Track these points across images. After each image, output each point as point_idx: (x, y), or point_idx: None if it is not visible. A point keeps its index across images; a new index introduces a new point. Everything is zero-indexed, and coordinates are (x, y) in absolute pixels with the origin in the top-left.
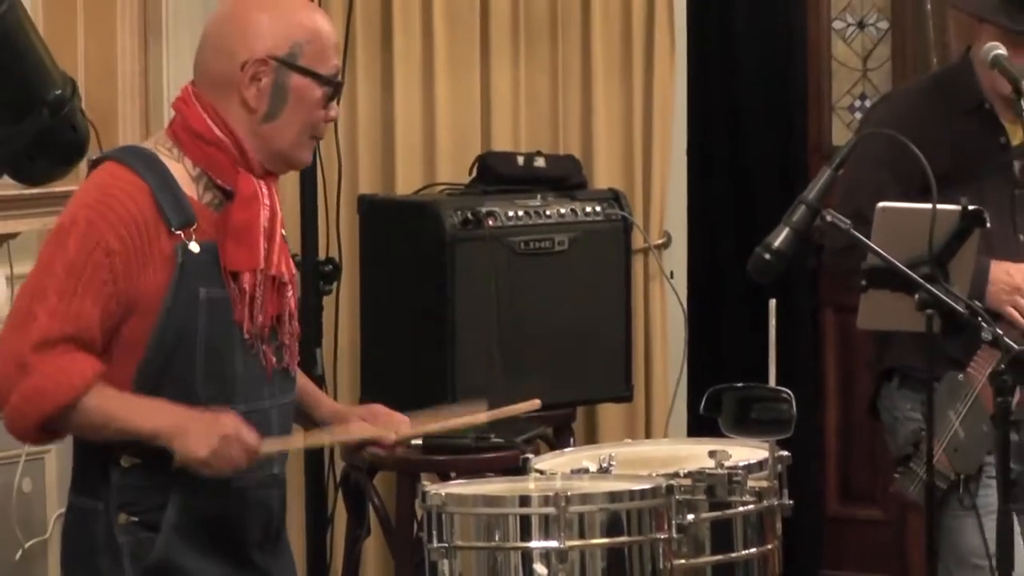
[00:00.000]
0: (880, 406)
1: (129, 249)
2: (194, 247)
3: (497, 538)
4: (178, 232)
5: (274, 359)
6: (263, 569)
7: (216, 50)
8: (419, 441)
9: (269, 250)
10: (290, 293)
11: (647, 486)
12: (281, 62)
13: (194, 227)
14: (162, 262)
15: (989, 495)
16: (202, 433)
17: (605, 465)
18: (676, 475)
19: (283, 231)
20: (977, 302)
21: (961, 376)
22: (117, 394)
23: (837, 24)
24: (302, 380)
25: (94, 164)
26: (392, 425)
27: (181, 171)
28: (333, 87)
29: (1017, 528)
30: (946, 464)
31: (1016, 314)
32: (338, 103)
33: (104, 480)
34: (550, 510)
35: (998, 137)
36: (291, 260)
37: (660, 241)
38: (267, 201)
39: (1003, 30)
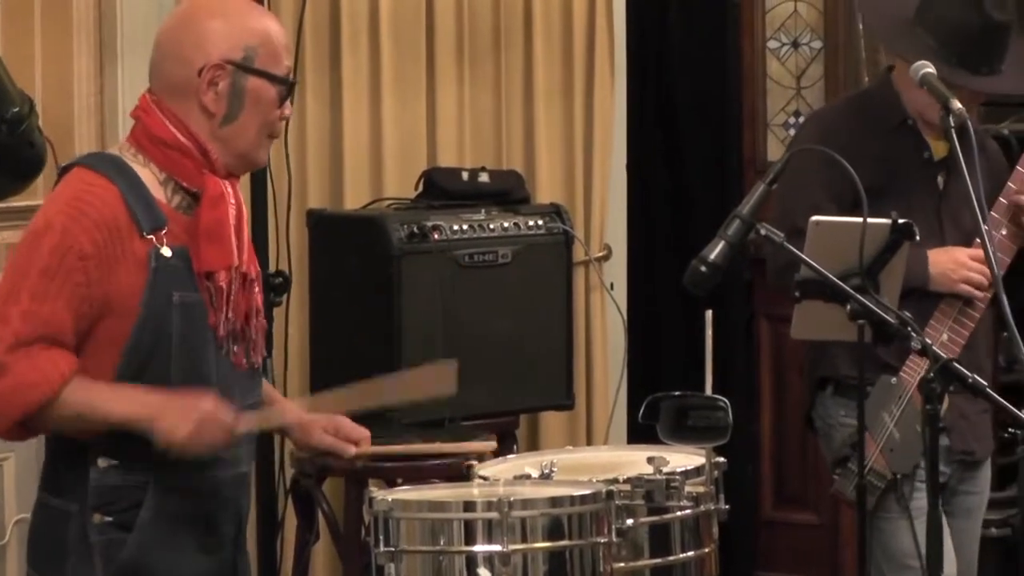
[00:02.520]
0: (815, 415)
1: (102, 253)
2: (166, 251)
3: (442, 542)
4: (149, 236)
5: (244, 359)
6: (233, 566)
7: (172, 58)
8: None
9: (239, 247)
10: (257, 289)
11: (587, 491)
12: (237, 66)
13: (165, 231)
14: (135, 265)
15: (922, 497)
16: (180, 414)
17: (547, 471)
18: (616, 481)
19: (248, 228)
20: (908, 312)
21: (894, 380)
22: (93, 384)
23: (772, 44)
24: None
25: (63, 171)
26: (353, 438)
27: (149, 175)
28: (287, 87)
29: (948, 529)
30: (883, 464)
31: (970, 288)
32: (292, 103)
33: (80, 481)
34: (493, 515)
35: (922, 152)
36: (255, 257)
37: (600, 254)
38: (233, 200)
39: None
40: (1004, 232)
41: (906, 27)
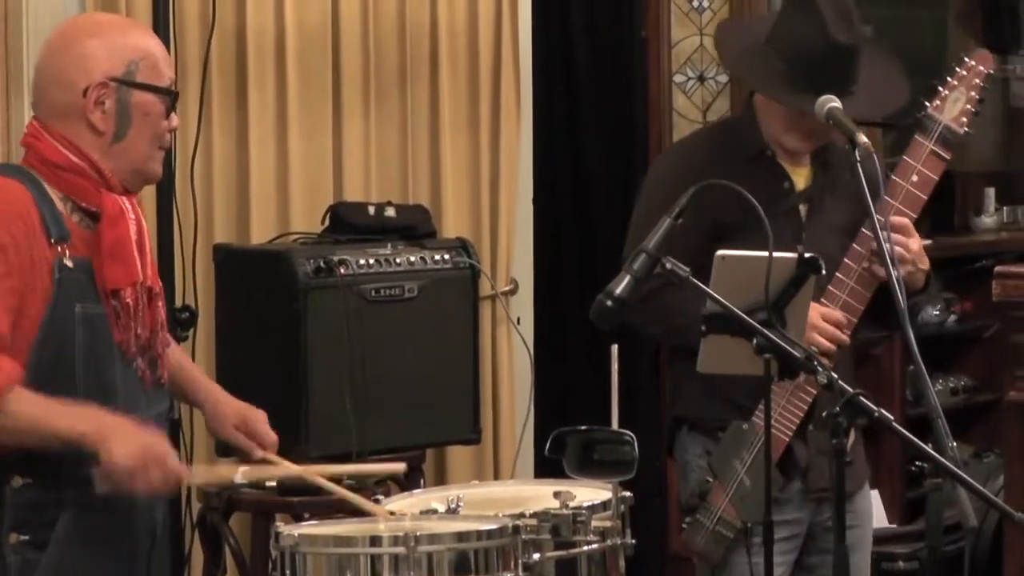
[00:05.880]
0: (675, 448)
1: (20, 245)
2: (69, 263)
3: None
4: (56, 245)
5: (149, 373)
6: None
7: (55, 82)
8: (273, 483)
9: (142, 263)
10: (161, 304)
11: (494, 526)
12: (121, 82)
13: (68, 242)
14: (45, 269)
15: (760, 562)
16: (131, 444)
17: (453, 506)
18: (522, 515)
19: (149, 243)
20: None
21: (746, 425)
22: (40, 398)
23: (678, 77)
24: (180, 356)
25: None
26: (263, 441)
27: (51, 191)
28: (172, 97)
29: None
30: (733, 514)
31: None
32: (176, 112)
33: None
34: (400, 550)
35: (782, 182)
36: (157, 271)
37: (507, 288)
38: (132, 216)
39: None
40: (865, 265)
41: (757, 52)
